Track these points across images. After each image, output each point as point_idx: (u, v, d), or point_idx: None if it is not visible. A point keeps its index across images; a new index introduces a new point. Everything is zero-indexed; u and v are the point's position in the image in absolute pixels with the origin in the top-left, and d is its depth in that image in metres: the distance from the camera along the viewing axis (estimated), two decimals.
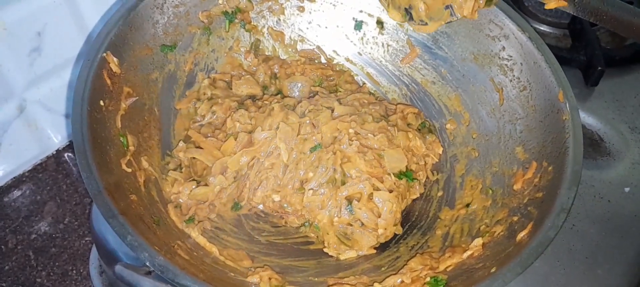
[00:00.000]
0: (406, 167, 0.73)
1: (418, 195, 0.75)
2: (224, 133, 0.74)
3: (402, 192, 0.72)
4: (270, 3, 0.82)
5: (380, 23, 0.84)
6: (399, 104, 0.83)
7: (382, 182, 0.70)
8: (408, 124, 0.79)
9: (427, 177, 0.77)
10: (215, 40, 0.80)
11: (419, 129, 0.80)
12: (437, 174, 0.77)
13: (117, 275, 0.50)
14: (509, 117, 0.74)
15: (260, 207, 0.71)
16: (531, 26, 0.74)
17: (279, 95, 0.81)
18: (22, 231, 0.82)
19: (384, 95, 0.85)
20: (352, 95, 0.80)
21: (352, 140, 0.71)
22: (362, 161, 0.70)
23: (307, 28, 0.85)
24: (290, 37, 0.85)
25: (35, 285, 0.77)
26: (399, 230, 0.70)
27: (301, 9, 0.83)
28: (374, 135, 0.72)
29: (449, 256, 0.62)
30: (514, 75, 0.74)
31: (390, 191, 0.70)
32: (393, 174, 0.71)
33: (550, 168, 0.64)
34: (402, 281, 0.60)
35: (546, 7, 0.64)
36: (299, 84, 0.82)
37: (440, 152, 0.78)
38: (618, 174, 0.81)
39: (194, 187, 0.68)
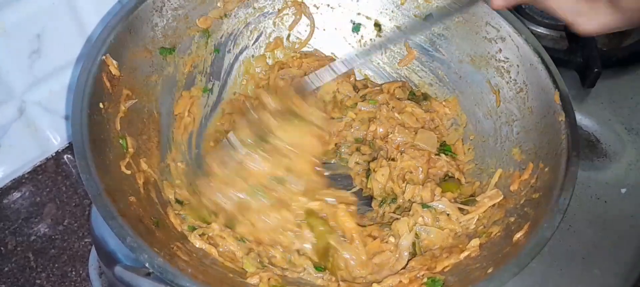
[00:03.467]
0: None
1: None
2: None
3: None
4: (268, 8, 0.82)
5: (377, 25, 0.84)
6: (383, 84, 0.83)
7: (436, 164, 0.73)
8: (398, 99, 0.80)
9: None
10: (213, 43, 0.80)
11: (410, 99, 0.81)
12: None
13: (117, 277, 0.51)
14: (506, 119, 0.74)
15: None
16: (528, 28, 0.74)
17: None
18: (22, 232, 0.82)
19: None
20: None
21: (395, 148, 0.74)
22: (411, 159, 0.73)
23: (305, 31, 0.85)
24: (288, 40, 0.85)
25: (35, 286, 0.78)
26: None
27: (299, 13, 0.84)
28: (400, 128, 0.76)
29: (446, 257, 0.63)
30: (510, 77, 0.74)
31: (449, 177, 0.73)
32: (434, 154, 0.74)
33: (546, 169, 0.65)
34: (400, 281, 0.61)
35: None
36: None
37: (449, 111, 0.80)
38: (614, 175, 0.81)
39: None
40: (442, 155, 0.76)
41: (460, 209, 0.68)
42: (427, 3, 0.80)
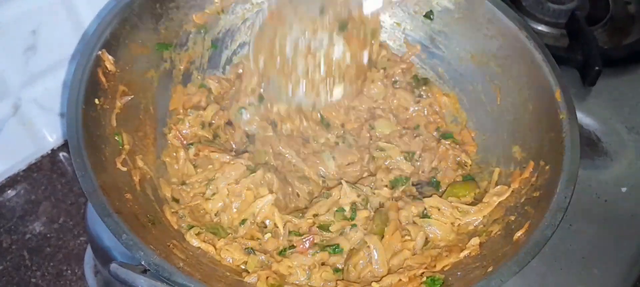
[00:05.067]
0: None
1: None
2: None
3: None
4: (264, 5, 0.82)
5: None
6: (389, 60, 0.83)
7: (444, 154, 0.75)
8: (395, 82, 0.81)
9: None
10: (210, 39, 0.79)
11: (411, 84, 0.81)
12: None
13: (113, 274, 0.50)
14: (507, 116, 0.74)
15: None
16: (529, 26, 0.74)
17: None
18: (17, 230, 0.81)
19: None
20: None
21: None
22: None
23: None
24: None
25: (30, 285, 0.77)
26: None
27: None
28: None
29: (446, 256, 0.62)
30: (511, 75, 0.74)
31: None
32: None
33: (547, 167, 0.64)
34: (400, 280, 0.60)
35: None
36: None
37: (447, 100, 0.80)
38: (615, 174, 0.81)
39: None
40: (443, 140, 0.76)
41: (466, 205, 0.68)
42: (427, 0, 0.80)
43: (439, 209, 0.67)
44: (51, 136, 0.88)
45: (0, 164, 0.84)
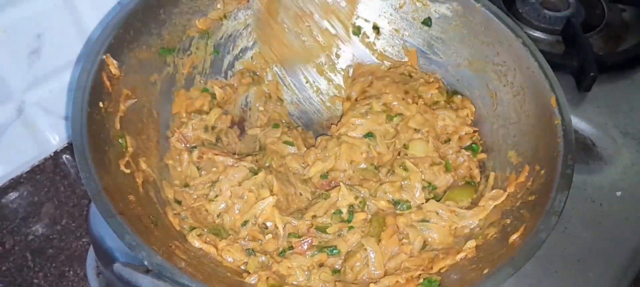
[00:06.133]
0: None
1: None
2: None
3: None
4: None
5: (376, 28, 0.85)
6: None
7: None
8: (435, 103, 0.79)
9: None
10: (213, 44, 0.80)
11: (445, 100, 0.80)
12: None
13: (116, 273, 0.51)
14: (503, 122, 0.75)
15: None
16: (525, 32, 0.75)
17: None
18: (20, 232, 0.82)
19: None
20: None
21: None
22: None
23: None
24: None
25: (32, 286, 0.78)
26: None
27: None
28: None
29: (443, 258, 0.63)
30: (507, 81, 0.75)
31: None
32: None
33: (542, 172, 0.65)
34: (397, 281, 0.61)
35: None
36: None
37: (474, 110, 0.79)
38: (610, 178, 0.82)
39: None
40: (463, 151, 0.76)
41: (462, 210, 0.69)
42: (425, 7, 0.81)
43: (437, 213, 0.68)
44: (54, 139, 0.89)
45: (4, 166, 0.85)
